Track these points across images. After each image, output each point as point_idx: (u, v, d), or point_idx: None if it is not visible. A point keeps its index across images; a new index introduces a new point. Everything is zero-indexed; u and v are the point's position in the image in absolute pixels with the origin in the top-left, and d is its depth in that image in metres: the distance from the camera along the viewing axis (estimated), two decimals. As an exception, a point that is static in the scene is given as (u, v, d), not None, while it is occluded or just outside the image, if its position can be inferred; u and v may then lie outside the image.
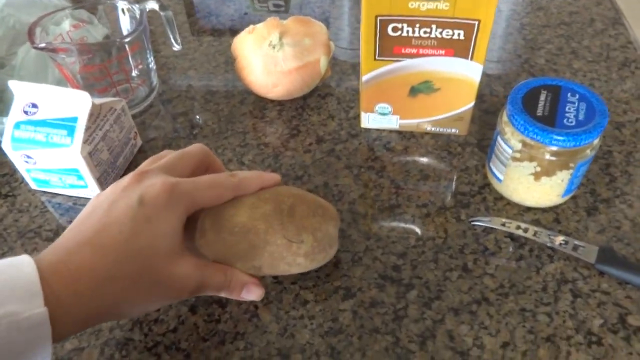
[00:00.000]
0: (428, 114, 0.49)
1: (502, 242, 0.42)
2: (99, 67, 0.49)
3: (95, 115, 0.44)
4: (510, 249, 0.41)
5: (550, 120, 0.38)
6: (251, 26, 0.50)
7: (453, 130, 0.50)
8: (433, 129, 0.50)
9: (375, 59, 0.45)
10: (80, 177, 0.44)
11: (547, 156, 0.39)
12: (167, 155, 0.37)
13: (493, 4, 0.39)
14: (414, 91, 0.47)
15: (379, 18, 0.42)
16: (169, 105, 0.56)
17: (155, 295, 0.33)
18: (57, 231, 0.45)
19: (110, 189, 0.34)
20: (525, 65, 0.59)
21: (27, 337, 0.27)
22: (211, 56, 0.62)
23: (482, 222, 0.42)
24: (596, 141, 0.39)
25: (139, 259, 0.31)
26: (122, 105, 0.47)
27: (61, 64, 0.49)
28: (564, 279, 0.39)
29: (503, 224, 0.42)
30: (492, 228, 0.42)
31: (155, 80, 0.55)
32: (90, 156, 0.43)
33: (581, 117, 0.39)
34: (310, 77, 0.51)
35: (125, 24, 0.53)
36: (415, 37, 0.43)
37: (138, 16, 0.50)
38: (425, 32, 0.42)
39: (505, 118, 0.41)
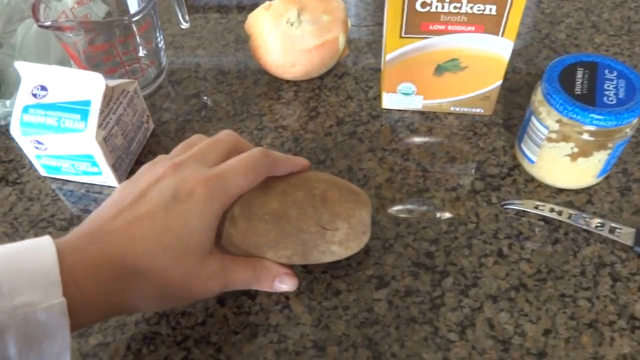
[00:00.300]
0: (454, 94, 0.47)
1: (536, 226, 0.40)
2: (107, 46, 0.46)
3: (108, 98, 0.42)
4: (546, 233, 0.40)
5: (590, 99, 0.37)
6: (267, 2, 0.48)
7: (478, 110, 0.48)
8: (457, 109, 0.48)
9: (401, 36, 0.43)
10: (94, 164, 0.42)
11: (585, 136, 0.37)
12: (198, 143, 0.35)
13: None
14: (439, 70, 0.45)
15: None
16: (179, 86, 0.54)
17: (180, 292, 0.32)
18: (72, 220, 0.43)
19: (142, 177, 0.33)
20: (545, 41, 0.57)
21: (44, 328, 0.26)
22: (219, 34, 0.60)
23: (514, 205, 0.41)
24: (636, 120, 0.38)
25: (168, 254, 0.30)
26: (134, 86, 0.44)
27: (67, 43, 0.46)
28: (602, 262, 0.38)
29: (536, 207, 0.41)
30: (525, 211, 0.41)
31: (164, 60, 0.53)
32: (105, 142, 0.41)
33: (621, 95, 0.37)
34: (329, 56, 0.49)
35: (132, 1, 0.50)
36: (444, 13, 0.41)
37: (146, -8, 0.47)
38: (455, 8, 0.40)
39: (539, 97, 0.39)
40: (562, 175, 0.41)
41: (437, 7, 0.40)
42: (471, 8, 0.40)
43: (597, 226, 0.39)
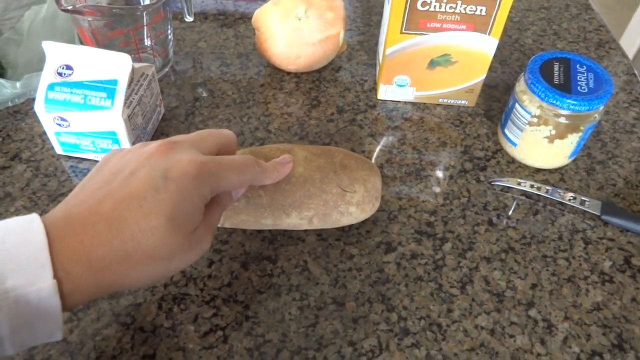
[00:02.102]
0: (443, 86, 0.52)
1: (519, 199, 0.46)
2: (126, 31, 0.48)
3: (131, 78, 0.44)
4: (527, 205, 0.46)
5: (566, 88, 0.43)
6: (276, -3, 0.52)
7: (463, 102, 0.54)
8: (445, 100, 0.54)
9: (401, 32, 0.48)
10: (115, 141, 0.44)
11: (562, 120, 0.44)
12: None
13: None
14: (432, 64, 0.50)
15: None
16: (184, 75, 0.56)
17: (174, 265, 0.31)
18: (91, 196, 0.45)
19: (134, 152, 0.32)
20: (515, 45, 0.64)
21: (36, 309, 0.26)
22: (219, 29, 0.63)
23: (500, 182, 0.47)
24: (602, 107, 0.44)
25: (157, 235, 0.29)
26: (152, 70, 0.47)
27: (83, 27, 0.48)
28: (575, 229, 0.44)
29: (518, 184, 0.46)
30: (509, 187, 0.47)
31: (171, 51, 0.55)
32: (129, 119, 0.43)
33: (591, 85, 0.44)
34: (330, 49, 0.53)
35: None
36: (441, 12, 0.46)
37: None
38: (450, 7, 0.46)
39: (522, 87, 0.45)
40: (540, 156, 0.47)
41: (435, 6, 0.46)
42: (464, 8, 0.46)
43: (569, 199, 0.45)
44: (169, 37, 0.54)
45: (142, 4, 0.53)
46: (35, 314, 0.26)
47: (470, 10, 0.46)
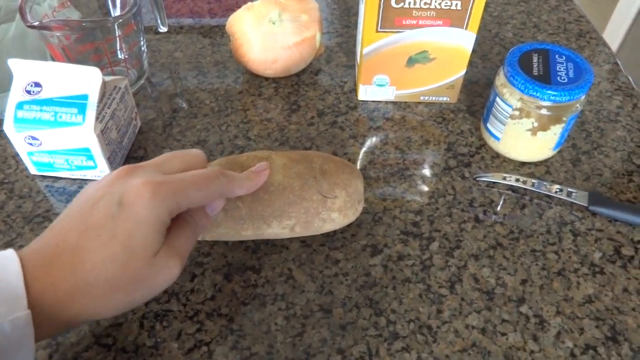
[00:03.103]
0: (423, 84, 0.52)
1: (505, 194, 0.45)
2: (95, 45, 0.47)
3: (102, 92, 0.43)
4: (514, 200, 0.45)
5: (546, 79, 0.42)
6: (249, 3, 0.51)
7: (444, 99, 0.53)
8: (426, 98, 0.53)
9: (377, 31, 0.47)
10: (90, 157, 0.43)
11: (544, 111, 0.43)
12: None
13: None
14: (411, 61, 0.50)
15: None
16: (161, 86, 0.55)
17: (139, 293, 0.31)
18: (68, 215, 0.43)
19: (102, 181, 0.32)
20: (495, 39, 0.64)
21: (10, 339, 0.27)
22: (195, 38, 0.62)
23: (485, 177, 0.46)
24: (584, 96, 0.44)
25: (115, 264, 0.29)
26: (125, 83, 0.46)
27: (52, 43, 0.47)
28: (563, 221, 0.43)
29: (504, 178, 0.46)
30: (494, 182, 0.46)
31: (145, 63, 0.55)
32: (102, 134, 0.42)
33: (571, 75, 0.43)
34: (307, 52, 0.53)
35: (114, 6, 0.52)
36: (416, 9, 0.45)
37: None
38: (425, 4, 0.45)
39: (502, 80, 0.45)
40: (524, 149, 0.46)
41: (409, 3, 0.45)
42: (439, 4, 0.45)
43: (556, 191, 0.45)
44: (142, 48, 0.53)
45: (112, 15, 0.52)
46: (10, 343, 0.27)
47: (445, 6, 0.45)
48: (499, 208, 0.44)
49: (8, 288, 0.28)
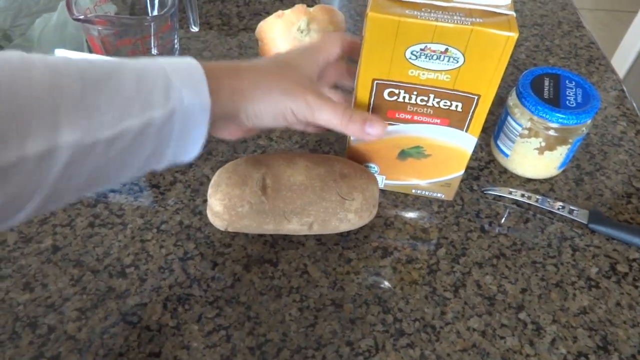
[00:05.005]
0: (416, 178, 0.47)
1: (510, 208, 0.48)
2: (134, 41, 0.50)
3: (139, 87, 0.46)
4: (518, 213, 0.48)
5: (555, 102, 0.45)
6: (280, 11, 0.54)
7: (439, 195, 0.48)
8: (419, 192, 0.48)
9: None
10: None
11: (552, 132, 0.46)
12: None
13: (495, 81, 0.37)
14: (403, 155, 0.44)
15: (376, 82, 0.39)
16: (189, 83, 0.58)
17: (289, 81, 0.37)
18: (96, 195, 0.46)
19: None
20: (509, 60, 0.66)
21: (196, 118, 0.33)
22: (223, 39, 0.65)
23: (492, 191, 0.49)
24: (590, 121, 0.46)
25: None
26: (159, 80, 0.49)
27: (92, 35, 0.50)
28: (563, 236, 0.46)
29: (510, 193, 0.48)
30: (500, 196, 0.49)
31: (176, 59, 0.57)
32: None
33: (579, 100, 0.46)
34: (331, 61, 0.55)
35: (150, 3, 0.55)
36: (411, 104, 0.40)
37: (169, -5, 0.51)
38: (422, 100, 0.40)
39: (514, 100, 0.47)
40: (530, 167, 0.49)
41: (404, 97, 0.40)
42: (438, 103, 0.40)
43: (558, 208, 0.47)
44: (176, 46, 0.56)
45: (150, 14, 0.55)
46: (195, 121, 0.33)
47: (444, 105, 0.40)
48: (503, 220, 0.47)
49: (196, 80, 0.32)
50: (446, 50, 0.36)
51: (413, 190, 0.48)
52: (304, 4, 0.54)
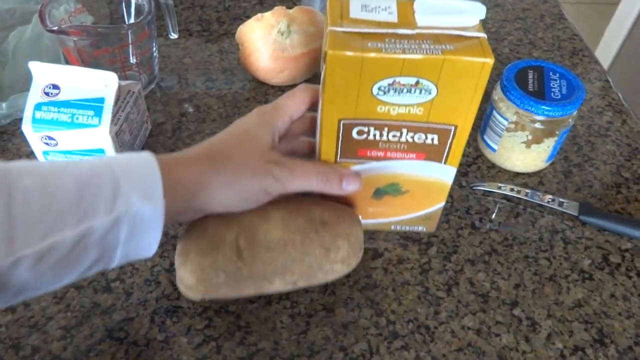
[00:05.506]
0: (394, 215, 0.43)
1: (500, 203, 0.48)
2: (111, 50, 0.49)
3: (117, 96, 0.45)
4: (508, 208, 0.47)
5: (540, 94, 0.45)
6: (259, 14, 0.53)
7: (420, 228, 0.44)
8: (398, 227, 0.44)
9: (336, 161, 0.39)
10: (104, 159, 0.45)
11: (538, 125, 0.45)
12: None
13: (472, 110, 0.34)
14: (379, 193, 0.41)
15: (342, 122, 0.35)
16: (170, 91, 0.57)
17: (247, 172, 0.36)
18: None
19: None
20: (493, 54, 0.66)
21: (147, 223, 0.32)
22: (203, 45, 0.64)
23: (481, 186, 0.48)
24: (576, 112, 0.46)
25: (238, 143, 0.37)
26: (138, 87, 0.48)
27: (68, 46, 0.49)
28: (554, 230, 0.46)
29: (499, 188, 0.48)
30: (490, 191, 0.48)
31: (157, 68, 0.56)
32: (117, 136, 0.44)
33: (564, 91, 0.45)
34: (313, 63, 0.55)
35: (127, 12, 0.54)
36: (383, 141, 0.37)
37: (145, 3, 0.51)
38: (394, 136, 0.36)
39: (499, 94, 0.47)
40: (518, 161, 0.49)
41: (374, 135, 0.36)
42: (412, 137, 0.36)
43: (548, 201, 0.47)
44: (154, 54, 0.55)
45: (126, 22, 0.54)
46: (147, 226, 0.32)
47: (419, 140, 0.37)
48: (494, 216, 0.46)
49: (149, 180, 0.32)
50: (417, 82, 0.33)
51: (392, 227, 0.44)
52: (284, 6, 0.54)
